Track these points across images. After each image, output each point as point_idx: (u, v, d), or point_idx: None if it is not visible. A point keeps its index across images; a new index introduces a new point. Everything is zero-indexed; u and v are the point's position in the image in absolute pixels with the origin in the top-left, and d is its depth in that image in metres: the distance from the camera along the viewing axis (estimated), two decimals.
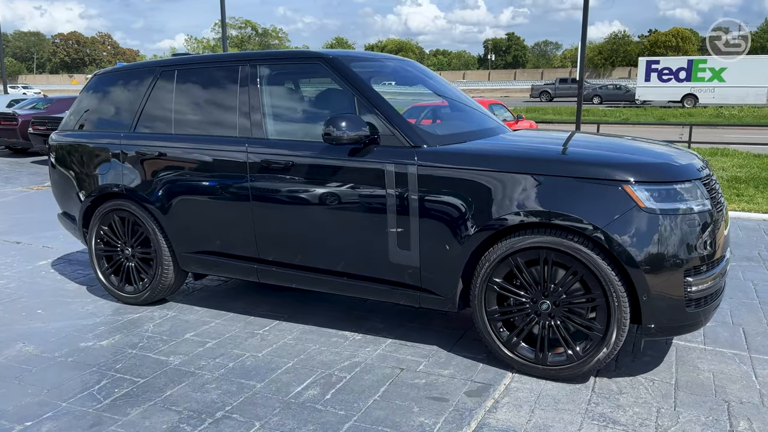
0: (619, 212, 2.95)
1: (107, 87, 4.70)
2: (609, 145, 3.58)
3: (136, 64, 4.71)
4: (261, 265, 3.95)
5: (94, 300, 4.66)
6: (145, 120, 4.35)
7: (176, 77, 4.27)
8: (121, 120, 4.49)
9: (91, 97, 4.76)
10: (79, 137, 4.67)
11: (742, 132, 20.11)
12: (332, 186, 3.60)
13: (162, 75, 4.34)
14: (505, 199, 3.15)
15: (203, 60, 4.30)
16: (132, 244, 4.43)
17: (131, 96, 4.48)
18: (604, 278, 2.98)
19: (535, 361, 3.23)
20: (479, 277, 3.27)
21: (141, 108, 4.37)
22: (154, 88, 4.35)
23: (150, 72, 4.42)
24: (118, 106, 4.56)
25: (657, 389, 3.13)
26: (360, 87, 3.66)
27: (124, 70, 4.69)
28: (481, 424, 2.81)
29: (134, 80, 4.52)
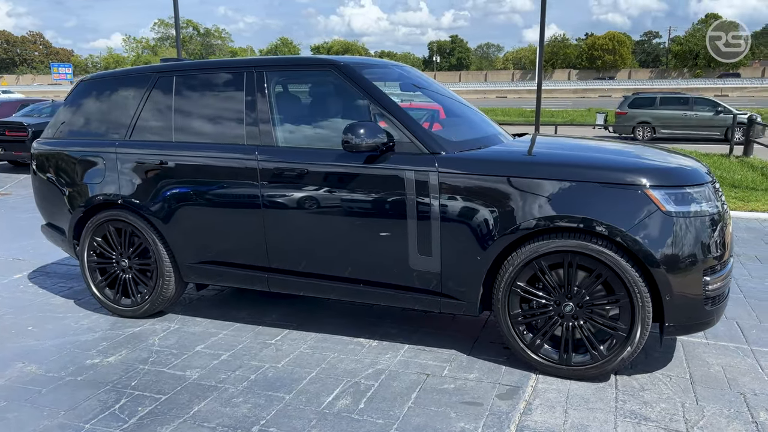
0: (641, 215, 3.05)
1: (95, 93, 4.52)
2: (623, 151, 3.70)
3: (126, 70, 4.56)
4: (272, 273, 3.89)
5: (87, 314, 4.48)
6: (141, 127, 4.21)
7: (175, 83, 4.15)
8: (113, 127, 4.33)
9: (77, 104, 4.57)
10: (67, 145, 4.48)
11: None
12: (349, 193, 3.58)
13: (159, 81, 4.21)
14: (529, 205, 3.21)
15: (205, 66, 4.20)
16: (129, 256, 4.29)
17: (124, 102, 4.33)
18: (629, 279, 3.08)
19: (559, 362, 3.31)
20: (503, 282, 3.32)
21: (136, 115, 4.23)
22: (151, 95, 4.21)
23: (145, 78, 4.28)
24: (108, 112, 4.40)
25: (676, 385, 3.26)
26: (374, 94, 3.66)
27: (114, 76, 4.53)
28: (521, 426, 2.86)
29: (126, 86, 4.38)
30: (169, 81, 4.18)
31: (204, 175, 3.95)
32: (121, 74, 4.50)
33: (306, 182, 3.67)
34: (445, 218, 3.38)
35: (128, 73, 4.46)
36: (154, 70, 4.30)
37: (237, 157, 3.85)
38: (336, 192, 3.61)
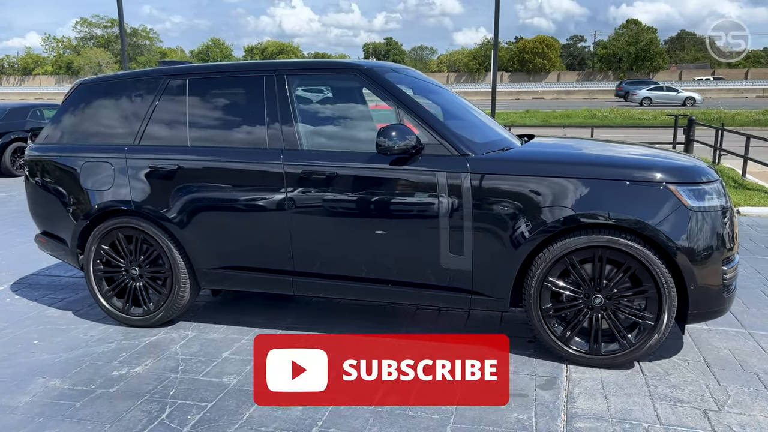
0: (668, 211, 3.27)
1: (95, 97, 4.38)
2: (639, 151, 3.93)
3: (131, 73, 4.44)
4: (297, 277, 3.89)
5: (92, 325, 4.33)
6: (152, 132, 4.12)
7: (188, 87, 4.09)
8: (119, 132, 4.21)
9: (76, 108, 4.41)
10: (68, 151, 4.32)
11: (614, 132, 22.05)
12: (379, 195, 3.64)
13: (170, 85, 4.13)
14: (561, 203, 3.37)
15: (220, 69, 4.16)
16: (140, 263, 4.18)
17: (131, 107, 4.22)
18: (657, 271, 3.29)
19: (589, 352, 3.49)
20: (534, 277, 3.47)
21: (146, 119, 4.13)
22: (161, 99, 4.13)
23: (153, 81, 4.19)
24: (114, 117, 4.27)
25: (695, 368, 3.50)
26: (401, 97, 3.74)
27: (116, 80, 4.41)
28: (571, 414, 3.01)
29: (132, 90, 4.26)
30: (181, 84, 4.11)
31: (224, 180, 3.92)
32: (126, 77, 4.38)
33: (334, 185, 3.70)
34: (478, 218, 3.49)
35: (133, 77, 4.35)
36: (164, 73, 4.21)
37: (261, 161, 3.83)
38: (366, 194, 3.66)
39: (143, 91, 4.21)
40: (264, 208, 3.85)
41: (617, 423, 2.92)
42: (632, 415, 2.99)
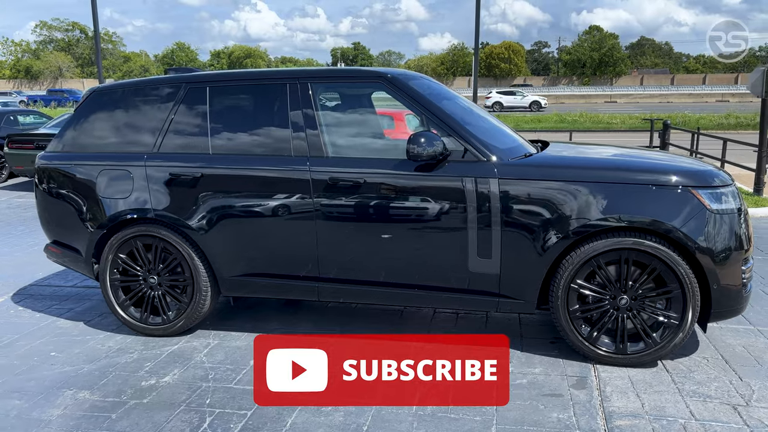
0: (691, 214, 3.39)
1: (110, 104, 4.32)
2: (659, 156, 4.05)
3: (146, 80, 4.39)
4: (323, 283, 3.91)
5: (108, 335, 4.27)
6: (172, 140, 4.08)
7: (209, 94, 4.07)
8: (137, 140, 4.16)
9: (90, 116, 4.35)
10: (83, 159, 4.25)
11: (593, 136, 22.54)
12: (408, 201, 3.69)
13: (190, 92, 4.10)
14: (588, 207, 3.46)
15: (243, 77, 4.15)
16: (159, 272, 4.14)
17: (148, 114, 4.18)
18: (682, 272, 3.40)
19: (616, 351, 3.58)
20: (562, 279, 3.55)
21: (165, 127, 4.10)
22: (181, 106, 4.10)
23: (172, 89, 4.16)
24: (130, 124, 4.22)
25: (715, 365, 3.63)
26: (426, 104, 3.80)
27: (132, 87, 4.35)
28: (608, 412, 3.09)
29: (149, 97, 4.23)
30: (201, 92, 4.09)
31: (249, 187, 3.91)
32: (142, 84, 4.33)
33: (362, 191, 3.73)
34: (506, 222, 3.56)
35: (150, 84, 4.30)
36: (183, 80, 4.18)
37: (287, 168, 3.84)
38: (395, 200, 3.70)
39: (161, 99, 4.18)
40: (290, 215, 3.85)
41: (655, 420, 3.02)
42: (667, 412, 3.09)
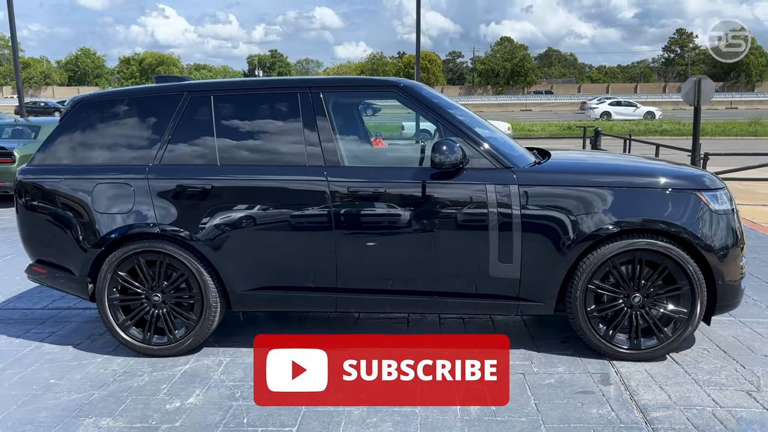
0: (698, 215, 3.63)
1: (101, 115, 4.10)
2: (659, 162, 4.29)
3: (140, 88, 4.21)
4: (341, 294, 3.87)
5: (107, 358, 4.03)
6: (175, 151, 3.93)
7: (214, 103, 3.95)
8: (135, 151, 3.97)
9: (78, 126, 4.10)
10: (74, 172, 4.01)
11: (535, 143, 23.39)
12: (429, 209, 3.73)
13: (192, 101, 3.96)
14: (604, 211, 3.64)
15: (249, 86, 4.06)
16: (163, 289, 3.95)
17: (146, 124, 4.00)
18: (691, 270, 3.63)
19: (631, 347, 3.77)
20: (580, 281, 3.70)
21: (167, 137, 3.94)
22: (183, 116, 3.95)
23: (172, 98, 4.00)
24: (126, 135, 4.03)
25: (716, 355, 3.89)
26: (442, 113, 3.86)
27: (125, 96, 4.15)
28: (642, 406, 3.25)
29: (145, 107, 4.06)
30: (205, 101, 3.96)
31: (262, 198, 3.82)
32: (137, 93, 4.14)
33: (382, 200, 3.74)
34: (526, 227, 3.67)
35: (146, 92, 4.12)
36: (185, 89, 4.03)
37: (303, 179, 3.79)
38: (415, 208, 3.73)
39: (160, 108, 4.01)
40: (307, 226, 3.80)
41: (686, 409, 3.20)
42: (693, 401, 3.29)
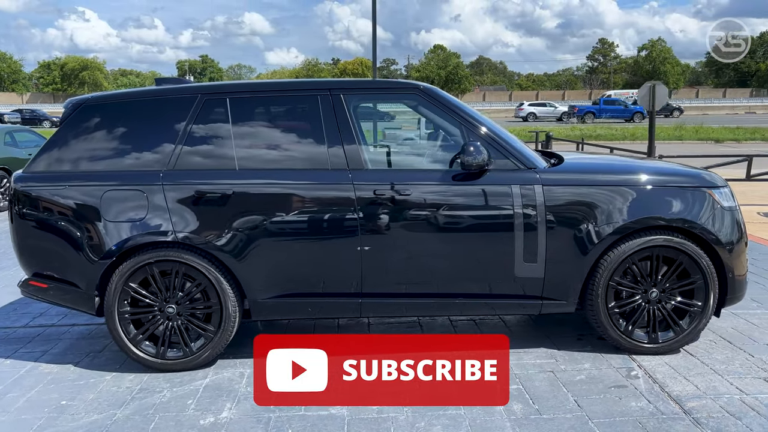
0: (710, 212, 3.81)
1: (106, 119, 3.89)
2: (667, 162, 4.45)
3: (148, 90, 4.02)
4: (366, 299, 3.82)
5: (116, 376, 3.81)
6: (190, 155, 3.78)
7: (230, 106, 3.82)
8: (146, 156, 3.79)
9: (80, 131, 3.87)
10: (80, 180, 3.78)
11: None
12: (455, 211, 3.74)
13: (207, 104, 3.82)
14: (626, 208, 3.75)
15: (267, 88, 3.96)
16: (177, 300, 3.78)
17: (157, 128, 3.83)
18: (704, 264, 3.80)
19: (650, 341, 3.89)
20: (602, 278, 3.80)
21: (180, 142, 3.78)
22: (198, 119, 3.80)
23: (185, 100, 3.84)
24: (135, 140, 3.84)
25: (724, 346, 4.07)
26: (465, 115, 3.88)
27: (132, 98, 3.97)
28: (676, 397, 3.36)
29: (155, 110, 3.88)
30: (221, 104, 3.83)
31: (285, 203, 3.73)
32: (145, 95, 3.95)
33: (409, 203, 3.72)
34: (550, 227, 3.74)
35: (155, 95, 3.94)
36: (199, 91, 3.88)
37: (328, 182, 3.72)
38: (441, 210, 3.73)
39: (172, 111, 3.85)
40: (332, 230, 3.73)
41: (716, 398, 3.34)
42: (720, 390, 3.43)
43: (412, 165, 3.92)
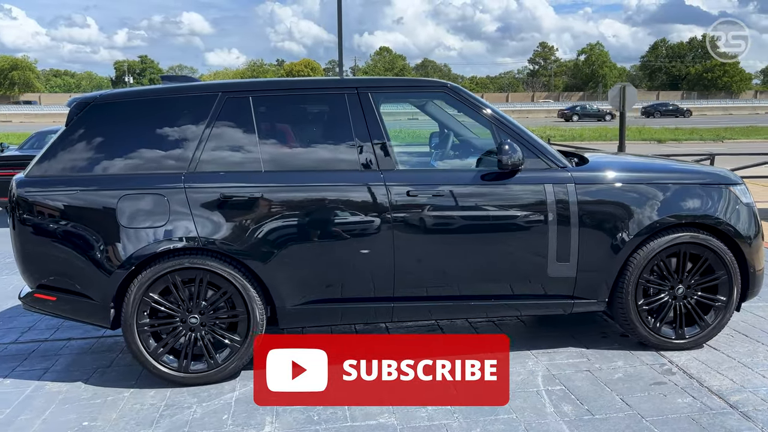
0: (733, 209, 3.88)
1: (117, 118, 3.66)
2: (687, 163, 4.51)
3: (162, 88, 3.79)
4: (398, 302, 3.71)
5: (135, 392, 3.57)
6: (211, 157, 3.58)
7: (253, 105, 3.64)
8: (165, 158, 3.57)
9: (89, 132, 3.61)
10: (92, 184, 3.53)
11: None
12: (489, 211, 3.69)
13: (229, 102, 3.63)
14: (654, 206, 3.78)
15: (292, 86, 3.78)
16: (202, 310, 3.58)
17: (177, 128, 3.62)
18: (728, 260, 3.87)
19: (677, 337, 3.93)
20: (632, 276, 3.81)
21: (201, 143, 3.58)
22: (219, 118, 3.61)
23: (205, 99, 3.64)
24: (151, 141, 3.61)
25: (741, 339, 4.16)
26: (494, 113, 3.83)
27: (145, 97, 3.75)
28: (717, 391, 3.40)
29: (172, 109, 3.67)
30: (243, 103, 3.64)
31: (315, 205, 3.58)
32: (160, 93, 3.73)
33: (443, 203, 3.64)
34: (583, 226, 3.73)
35: (171, 92, 3.72)
36: (219, 89, 3.68)
37: (358, 183, 3.59)
38: (476, 210, 3.67)
39: (192, 110, 3.64)
40: (365, 232, 3.61)
41: (755, 391, 3.39)
42: (755, 383, 3.49)
43: (442, 164, 3.85)
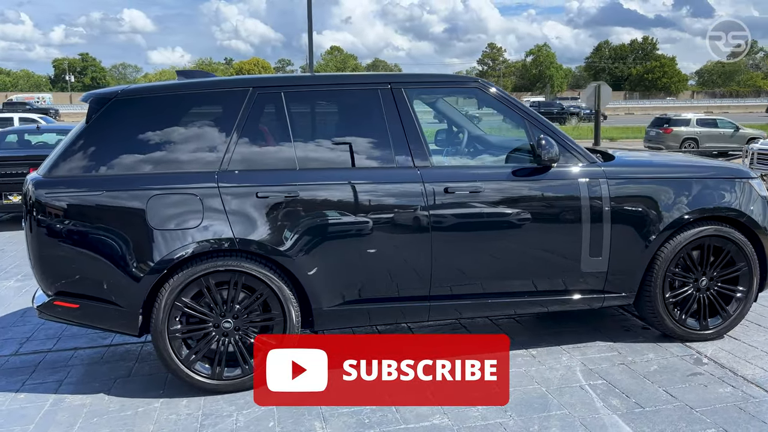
0: (752, 201, 4.00)
1: (141, 115, 3.48)
2: (707, 159, 4.61)
3: (188, 83, 3.62)
4: (434, 301, 3.66)
5: (167, 402, 3.40)
6: (243, 154, 3.44)
7: (285, 101, 3.52)
8: (195, 156, 3.42)
9: (113, 129, 3.42)
10: (118, 184, 3.34)
11: None
12: (526, 207, 3.67)
13: (260, 98, 3.50)
14: (682, 201, 3.85)
15: (325, 81, 3.69)
16: (236, 313, 3.44)
17: (207, 125, 3.47)
18: (749, 251, 3.98)
19: (701, 328, 4.02)
20: (660, 269, 3.87)
21: (232, 140, 3.43)
22: (251, 115, 3.47)
23: (235, 94, 3.50)
24: (179, 138, 3.45)
25: (755, 329, 4.28)
26: (526, 110, 3.82)
27: (171, 92, 3.57)
28: (753, 380, 3.48)
29: (201, 105, 3.53)
30: (275, 97, 3.52)
31: (354, 204, 3.49)
32: (186, 88, 3.55)
33: (480, 200, 3.61)
34: (614, 220, 3.76)
35: (200, 87, 3.57)
36: (250, 84, 3.53)
37: (396, 181, 3.53)
38: (513, 206, 3.65)
39: (221, 106, 3.49)
40: (402, 231, 3.54)
41: None
42: None
43: (473, 161, 3.81)
